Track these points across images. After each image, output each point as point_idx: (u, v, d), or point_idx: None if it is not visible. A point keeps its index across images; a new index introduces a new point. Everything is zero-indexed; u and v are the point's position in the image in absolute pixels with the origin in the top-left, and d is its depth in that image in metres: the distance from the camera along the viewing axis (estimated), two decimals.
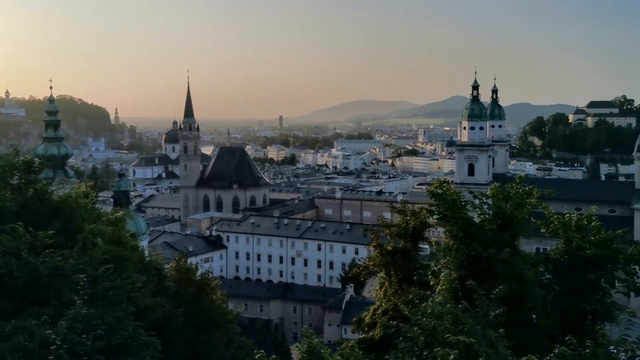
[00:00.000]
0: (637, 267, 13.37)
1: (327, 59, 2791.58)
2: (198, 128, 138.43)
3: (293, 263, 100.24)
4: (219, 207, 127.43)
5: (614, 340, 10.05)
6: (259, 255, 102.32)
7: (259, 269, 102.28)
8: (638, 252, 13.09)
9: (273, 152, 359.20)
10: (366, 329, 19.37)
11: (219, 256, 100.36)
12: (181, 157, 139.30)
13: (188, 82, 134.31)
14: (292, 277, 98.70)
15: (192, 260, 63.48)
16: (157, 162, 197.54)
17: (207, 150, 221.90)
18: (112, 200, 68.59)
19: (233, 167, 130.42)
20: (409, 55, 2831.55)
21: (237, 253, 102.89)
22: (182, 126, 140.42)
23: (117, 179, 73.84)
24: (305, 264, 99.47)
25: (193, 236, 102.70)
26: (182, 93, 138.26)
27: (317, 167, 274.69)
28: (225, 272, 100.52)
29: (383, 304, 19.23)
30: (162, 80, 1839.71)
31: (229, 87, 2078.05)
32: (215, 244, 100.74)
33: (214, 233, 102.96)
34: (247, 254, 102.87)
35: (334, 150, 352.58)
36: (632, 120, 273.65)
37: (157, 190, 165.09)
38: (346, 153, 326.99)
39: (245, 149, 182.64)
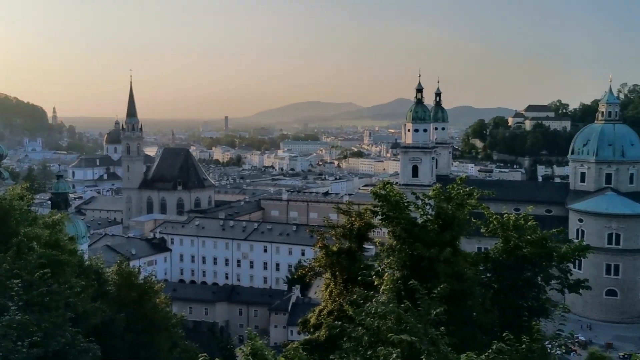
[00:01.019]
0: (570, 265, 13.92)
1: (274, 60, 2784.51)
2: (141, 128, 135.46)
3: (239, 265, 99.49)
4: (163, 209, 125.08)
5: (549, 336, 10.44)
6: (204, 258, 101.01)
7: (204, 272, 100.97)
8: (571, 250, 13.63)
9: (218, 153, 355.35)
10: (312, 329, 19.40)
11: (162, 259, 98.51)
12: (123, 158, 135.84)
13: (130, 82, 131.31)
14: (238, 280, 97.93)
15: (134, 263, 62.03)
16: (98, 163, 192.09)
17: (151, 151, 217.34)
18: (49, 202, 66.14)
19: (177, 168, 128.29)
20: (355, 57, 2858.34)
21: (181, 256, 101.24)
22: (124, 126, 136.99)
23: (55, 181, 71.20)
24: (252, 266, 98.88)
25: (136, 239, 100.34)
26: (124, 92, 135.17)
27: (263, 169, 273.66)
28: (170, 275, 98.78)
29: (328, 305, 19.31)
30: (104, 79, 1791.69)
31: (173, 87, 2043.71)
32: (159, 246, 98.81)
33: (157, 235, 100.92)
34: (192, 257, 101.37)
35: (280, 152, 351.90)
36: (567, 124, 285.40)
37: (98, 192, 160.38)
38: (293, 154, 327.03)
39: (190, 150, 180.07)
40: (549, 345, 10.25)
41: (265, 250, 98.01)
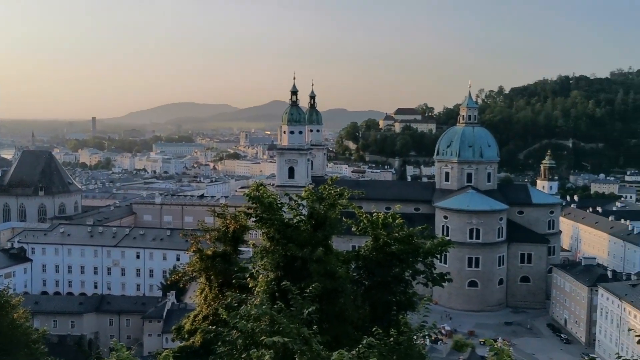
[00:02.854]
0: (435, 259, 14.75)
1: (146, 60, 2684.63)
2: None
3: (109, 273, 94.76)
4: (22, 216, 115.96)
5: (415, 328, 10.98)
6: (70, 267, 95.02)
7: (70, 282, 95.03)
8: (435, 245, 14.44)
9: (85, 156, 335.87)
10: (186, 336, 18.88)
11: (22, 270, 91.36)
12: None
13: None
14: (109, 288, 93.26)
15: None
16: None
17: (7, 154, 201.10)
18: None
19: (39, 172, 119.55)
20: (230, 58, 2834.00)
21: (44, 266, 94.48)
22: None
23: None
24: (123, 274, 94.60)
25: None
26: None
27: (135, 172, 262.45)
28: (31, 288, 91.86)
29: (203, 310, 18.90)
30: None
31: (33, 84, 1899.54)
32: (17, 257, 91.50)
33: (16, 245, 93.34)
34: (57, 266, 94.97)
35: (153, 154, 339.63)
36: (433, 126, 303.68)
37: None
38: (166, 156, 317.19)
39: (53, 153, 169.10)
40: (415, 337, 10.76)
41: (138, 257, 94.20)
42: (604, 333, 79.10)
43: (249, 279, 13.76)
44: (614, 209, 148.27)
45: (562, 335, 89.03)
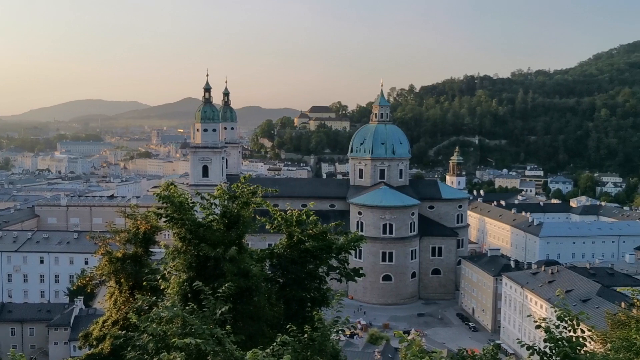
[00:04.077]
0: (349, 255, 14.99)
1: (49, 54, 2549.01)
2: None
3: (10, 280, 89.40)
4: None
5: (329, 323, 11.13)
6: None
7: None
8: (348, 241, 14.67)
9: None
10: (95, 342, 18.13)
11: None
12: None
13: None
14: (9, 296, 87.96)
15: None
16: None
17: None
18: None
19: None
20: (140, 54, 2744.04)
21: None
22: None
23: None
24: (25, 280, 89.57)
25: None
26: None
27: (37, 172, 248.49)
28: None
29: (113, 315, 18.22)
30: None
31: None
32: None
33: None
34: None
35: (57, 153, 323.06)
36: (347, 124, 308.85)
37: None
38: (72, 156, 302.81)
39: None
40: (329, 332, 10.90)
41: (42, 262, 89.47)
42: (507, 320, 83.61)
43: (160, 280, 13.41)
44: (516, 202, 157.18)
45: (470, 323, 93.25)
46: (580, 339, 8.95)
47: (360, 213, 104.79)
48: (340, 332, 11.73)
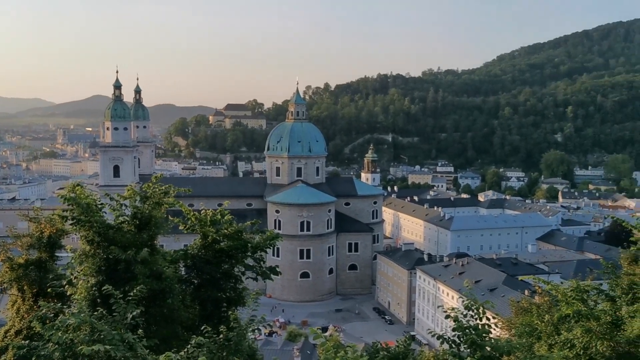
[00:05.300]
0: (265, 254, 14.94)
1: None
2: None
3: None
4: None
5: (245, 322, 11.06)
6: None
7: None
8: (264, 240, 14.62)
9: None
10: None
11: None
12: None
13: None
14: None
15: None
16: None
17: None
18: None
19: None
20: (42, 49, 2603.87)
21: None
22: None
23: None
24: None
25: None
26: None
27: None
28: None
29: (16, 324, 17.25)
30: None
31: None
32: None
33: None
34: None
35: None
36: (263, 122, 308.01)
37: None
38: None
39: None
40: (245, 331, 10.84)
41: None
42: (421, 311, 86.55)
43: (67, 286, 12.82)
44: (428, 197, 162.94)
45: (386, 317, 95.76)
46: (486, 326, 9.39)
47: (277, 211, 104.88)
48: (256, 331, 11.70)
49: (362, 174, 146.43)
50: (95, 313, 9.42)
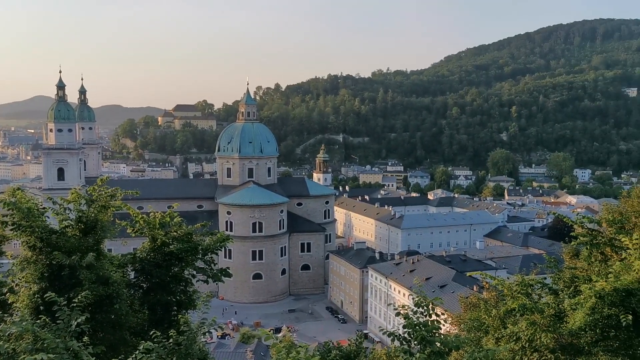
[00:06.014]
0: (214, 256, 14.77)
1: None
2: None
3: None
4: None
5: (195, 325, 10.91)
6: None
7: None
8: (214, 242, 14.44)
9: None
10: None
11: None
12: None
13: None
14: None
15: None
16: None
17: None
18: None
19: None
20: None
21: None
22: None
23: None
24: None
25: None
26: None
27: None
28: None
29: None
30: None
31: None
32: None
33: None
34: None
35: None
36: (213, 123, 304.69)
37: None
38: None
39: None
40: (196, 335, 10.70)
41: None
42: (374, 309, 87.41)
43: (8, 294, 12.33)
44: (379, 196, 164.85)
45: (339, 316, 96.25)
46: (436, 322, 9.56)
47: (229, 212, 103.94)
48: (208, 334, 11.55)
49: (314, 174, 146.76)
50: (38, 321, 9.10)
